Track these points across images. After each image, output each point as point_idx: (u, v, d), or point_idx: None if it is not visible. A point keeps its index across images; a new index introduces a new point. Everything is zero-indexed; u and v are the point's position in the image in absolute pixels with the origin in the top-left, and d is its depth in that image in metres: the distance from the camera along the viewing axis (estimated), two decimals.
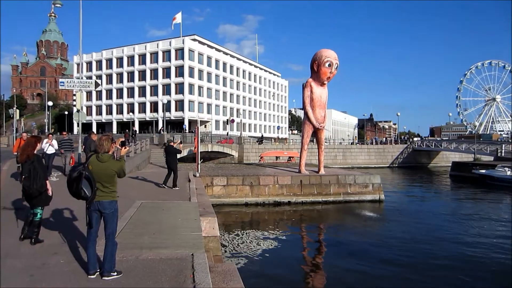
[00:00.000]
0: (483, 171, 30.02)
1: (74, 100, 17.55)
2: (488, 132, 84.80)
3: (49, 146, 13.24)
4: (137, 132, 54.78)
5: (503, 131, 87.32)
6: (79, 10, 17.18)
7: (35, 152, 5.88)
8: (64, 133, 15.82)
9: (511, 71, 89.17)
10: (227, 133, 62.91)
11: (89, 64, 75.81)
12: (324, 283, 9.14)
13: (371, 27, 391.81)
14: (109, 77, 74.49)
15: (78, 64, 73.28)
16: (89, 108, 75.80)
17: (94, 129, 71.69)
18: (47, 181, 5.91)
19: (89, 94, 73.97)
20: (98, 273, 4.56)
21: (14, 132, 36.65)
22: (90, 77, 66.89)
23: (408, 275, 9.16)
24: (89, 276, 4.54)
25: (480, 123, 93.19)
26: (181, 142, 16.42)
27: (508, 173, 26.93)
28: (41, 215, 5.86)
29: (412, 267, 9.63)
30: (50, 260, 5.09)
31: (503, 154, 37.53)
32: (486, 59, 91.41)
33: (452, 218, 16.97)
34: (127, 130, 16.28)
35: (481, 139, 59.15)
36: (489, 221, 16.44)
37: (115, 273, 4.54)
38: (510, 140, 56.30)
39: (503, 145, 41.03)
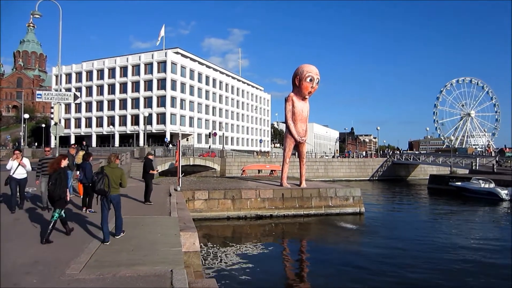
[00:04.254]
0: (459, 183, 30.80)
1: (52, 113, 17.14)
2: (463, 146, 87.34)
3: (19, 166, 9.53)
4: (89, 146, 53.48)
5: (477, 145, 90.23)
6: (59, 20, 17.00)
7: (61, 166, 7.42)
8: (48, 149, 11.35)
9: (488, 92, 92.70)
10: (209, 146, 62.62)
11: (69, 75, 74.59)
12: None
13: (353, 43, 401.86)
14: (89, 89, 73.38)
15: (56, 76, 71.95)
16: (67, 121, 74.31)
17: (73, 142, 70.23)
18: (67, 190, 7.32)
19: (67, 106, 72.61)
20: (104, 242, 6.78)
21: None
22: (69, 89, 65.73)
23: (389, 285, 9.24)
24: (104, 243, 6.71)
25: (456, 137, 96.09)
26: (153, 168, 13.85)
27: (482, 185, 27.68)
28: (58, 217, 7.10)
29: (391, 278, 9.72)
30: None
31: (477, 167, 38.64)
32: (462, 76, 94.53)
33: (429, 230, 17.25)
34: (73, 145, 15.68)
35: (457, 153, 60.83)
36: (465, 233, 16.82)
37: (123, 233, 7.35)
38: (484, 154, 58.10)
39: (478, 159, 42.31)
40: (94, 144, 71.09)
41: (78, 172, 11.56)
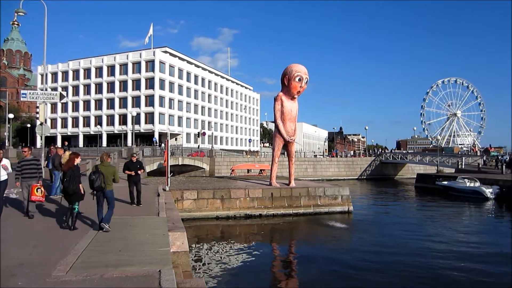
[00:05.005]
0: (445, 182, 31.27)
1: (37, 113, 16.86)
2: (450, 146, 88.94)
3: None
4: (70, 146, 52.52)
5: (463, 144, 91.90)
6: (44, 18, 16.75)
7: (75, 164, 8.04)
8: (26, 149, 9.72)
9: (473, 91, 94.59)
10: (198, 146, 62.45)
11: (55, 75, 73.47)
12: None
13: (342, 43, 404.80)
14: (76, 89, 72.43)
15: (42, 75, 70.93)
16: (53, 121, 73.24)
17: (59, 142, 69.25)
18: (80, 185, 7.87)
19: (54, 106, 71.56)
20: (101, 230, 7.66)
21: None
22: (56, 89, 64.83)
23: (377, 284, 9.35)
24: (100, 231, 7.65)
25: (442, 137, 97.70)
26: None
27: (468, 184, 28.16)
28: (78, 209, 7.97)
29: (380, 274, 9.84)
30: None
31: (463, 166, 39.31)
32: (448, 76, 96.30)
33: (416, 229, 17.50)
34: (53, 146, 15.43)
35: (443, 152, 61.80)
36: (451, 231, 17.12)
37: (108, 226, 7.72)
38: (470, 153, 59.16)
39: (463, 158, 43.07)
40: (81, 144, 70.25)
41: None
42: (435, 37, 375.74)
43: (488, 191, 26.16)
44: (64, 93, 19.17)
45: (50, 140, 62.95)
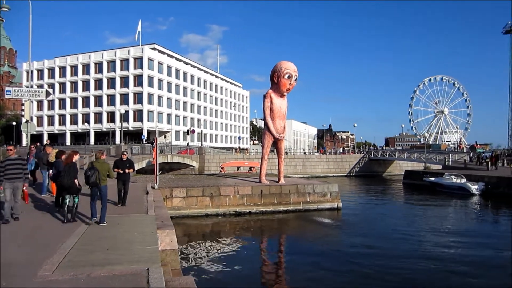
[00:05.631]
0: (433, 179, 31.75)
1: (23, 110, 16.59)
2: (437, 143, 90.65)
3: None
4: (49, 144, 51.61)
5: (450, 141, 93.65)
6: (29, 14, 16.44)
7: (73, 160, 8.74)
8: (10, 148, 8.83)
9: (459, 88, 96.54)
10: (188, 143, 62.12)
11: (41, 71, 72.23)
12: None
13: (331, 41, 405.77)
14: (63, 86, 71.31)
15: (27, 72, 69.66)
16: (40, 118, 72.06)
17: (45, 140, 68.23)
18: (76, 180, 8.44)
19: (40, 103, 70.37)
20: (95, 222, 8.31)
21: None
22: (42, 86, 63.79)
23: (366, 279, 9.45)
24: (93, 218, 8.40)
25: (430, 134, 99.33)
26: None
27: (454, 180, 28.63)
28: (78, 201, 8.58)
29: (369, 269, 9.95)
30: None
31: (450, 163, 39.95)
32: (435, 74, 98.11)
33: (405, 225, 17.74)
34: (33, 146, 15.29)
35: (431, 149, 62.86)
36: (437, 227, 17.42)
37: (105, 223, 8.26)
38: (457, 150, 60.14)
39: (450, 155, 43.77)
40: (68, 142, 69.29)
41: (51, 171, 11.25)
42: (423, 35, 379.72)
43: (474, 188, 26.65)
44: (51, 90, 18.89)
45: (36, 138, 61.85)
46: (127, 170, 11.52)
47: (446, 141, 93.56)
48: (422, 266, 10.47)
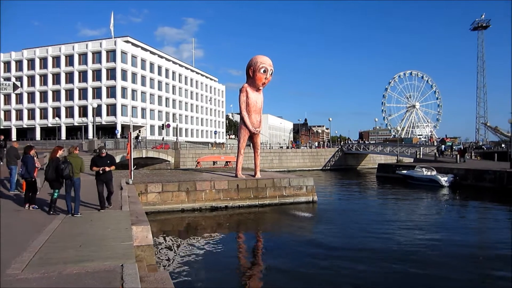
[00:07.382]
0: (405, 171, 32.72)
1: None
2: (409, 136, 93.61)
3: None
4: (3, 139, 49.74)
5: (421, 135, 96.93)
6: None
7: (57, 155, 9.02)
8: None
9: (428, 81, 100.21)
10: (163, 138, 61.27)
11: (7, 64, 69.34)
12: (261, 285, 9.29)
13: (306, 35, 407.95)
14: (31, 79, 68.71)
15: None
16: (7, 113, 69.31)
17: (14, 136, 65.76)
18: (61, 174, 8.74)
19: (7, 97, 67.58)
20: (70, 214, 8.79)
21: None
22: (9, 79, 61.23)
23: (343, 270, 9.68)
24: (69, 215, 8.79)
25: (402, 128, 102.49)
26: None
27: (425, 173, 29.62)
28: (57, 195, 9.05)
29: (343, 260, 10.20)
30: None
31: (421, 156, 41.25)
32: (408, 68, 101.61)
33: (378, 216, 18.25)
34: None
35: (403, 143, 64.66)
36: (408, 217, 18.04)
37: (80, 214, 8.83)
38: (427, 144, 62.19)
39: (421, 148, 45.20)
40: (38, 137, 66.97)
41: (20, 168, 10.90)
42: (396, 31, 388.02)
43: (443, 179, 27.65)
44: (18, 83, 18.16)
45: (4, 133, 59.49)
46: (107, 168, 10.03)
47: (418, 135, 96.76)
48: (395, 256, 10.80)
